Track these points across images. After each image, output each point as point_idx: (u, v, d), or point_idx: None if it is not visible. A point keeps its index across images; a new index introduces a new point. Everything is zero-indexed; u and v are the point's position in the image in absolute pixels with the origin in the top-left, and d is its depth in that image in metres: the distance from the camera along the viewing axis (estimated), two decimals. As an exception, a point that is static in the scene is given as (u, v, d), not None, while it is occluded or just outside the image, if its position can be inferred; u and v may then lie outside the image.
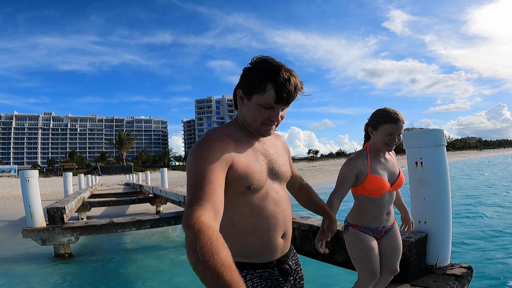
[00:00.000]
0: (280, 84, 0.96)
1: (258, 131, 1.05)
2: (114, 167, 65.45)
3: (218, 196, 0.87)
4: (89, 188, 15.45)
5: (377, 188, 1.60)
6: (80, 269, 5.47)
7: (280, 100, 0.98)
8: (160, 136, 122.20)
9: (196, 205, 0.81)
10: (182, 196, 7.43)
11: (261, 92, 0.98)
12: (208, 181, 0.88)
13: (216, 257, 0.62)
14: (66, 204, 6.21)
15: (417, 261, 2.09)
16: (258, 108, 1.00)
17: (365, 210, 1.66)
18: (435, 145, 2.24)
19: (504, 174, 21.49)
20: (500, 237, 6.03)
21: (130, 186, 20.73)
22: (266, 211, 1.06)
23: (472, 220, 7.73)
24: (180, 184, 23.26)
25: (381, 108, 1.65)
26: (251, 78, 1.00)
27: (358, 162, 1.63)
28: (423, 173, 2.22)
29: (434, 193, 2.19)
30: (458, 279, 1.98)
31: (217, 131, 1.05)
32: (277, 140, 1.21)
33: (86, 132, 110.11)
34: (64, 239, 5.51)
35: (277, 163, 1.12)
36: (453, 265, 2.19)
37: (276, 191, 1.10)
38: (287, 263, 1.15)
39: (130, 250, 6.98)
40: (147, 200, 12.64)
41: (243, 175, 1.00)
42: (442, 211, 2.19)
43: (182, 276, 5.17)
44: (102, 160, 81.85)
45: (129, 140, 78.84)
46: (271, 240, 1.07)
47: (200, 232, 0.69)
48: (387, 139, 1.58)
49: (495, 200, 10.57)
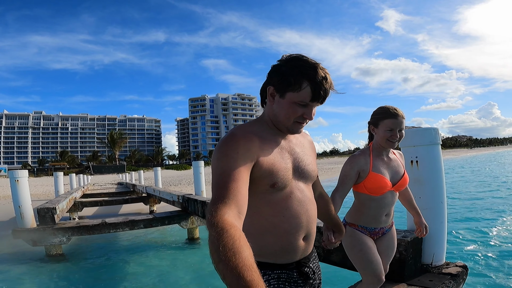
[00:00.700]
0: (318, 82, 0.95)
1: (290, 129, 1.03)
2: (106, 166, 64.73)
3: (242, 195, 0.86)
4: (81, 188, 15.24)
5: (378, 187, 1.57)
6: (72, 270, 5.39)
7: (317, 98, 0.98)
8: (153, 135, 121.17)
9: (220, 203, 0.80)
10: (176, 196, 7.36)
11: (296, 90, 0.97)
12: (233, 179, 0.86)
13: (238, 256, 0.62)
14: (57, 205, 6.10)
15: (413, 261, 2.09)
16: (292, 105, 0.99)
17: (364, 210, 1.63)
18: (430, 143, 2.25)
19: (497, 172, 21.90)
20: (494, 236, 6.13)
21: (123, 186, 20.51)
22: (289, 211, 1.03)
23: (466, 218, 7.85)
24: (173, 183, 23.09)
25: (381, 106, 1.66)
26: (284, 75, 0.98)
27: (360, 160, 1.61)
28: (419, 171, 2.23)
29: (430, 192, 2.20)
30: (453, 278, 1.99)
31: (242, 128, 1.03)
32: (304, 138, 1.18)
33: (77, 131, 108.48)
34: (56, 239, 5.42)
35: (303, 161, 1.09)
36: (449, 264, 2.19)
37: (301, 190, 1.07)
38: (308, 265, 1.11)
39: (123, 251, 6.90)
40: (141, 200, 12.51)
41: (268, 172, 0.98)
42: (437, 210, 2.19)
43: (176, 276, 5.13)
44: (94, 160, 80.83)
45: (122, 139, 77.95)
46: (292, 241, 1.04)
47: (223, 230, 0.69)
48: (388, 134, 1.57)
49: (489, 199, 10.75)
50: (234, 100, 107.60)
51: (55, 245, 5.57)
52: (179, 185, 21.66)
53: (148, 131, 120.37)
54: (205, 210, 5.47)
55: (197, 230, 7.17)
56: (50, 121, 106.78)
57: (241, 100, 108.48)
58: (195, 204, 6.06)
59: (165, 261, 6.00)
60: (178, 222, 6.79)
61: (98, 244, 7.27)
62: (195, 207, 6.04)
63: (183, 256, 6.31)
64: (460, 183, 16.07)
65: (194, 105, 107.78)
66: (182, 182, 24.01)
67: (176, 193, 7.73)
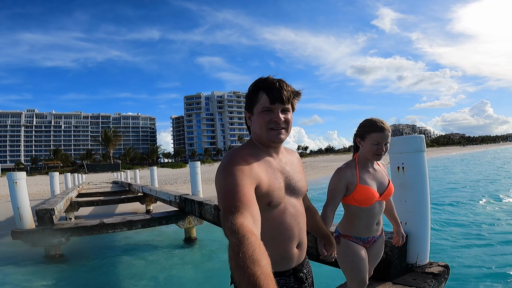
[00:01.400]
0: (268, 86, 1.08)
1: (269, 138, 1.11)
2: (100, 165, 64.18)
3: (255, 207, 0.90)
4: (76, 188, 15.20)
5: (367, 198, 1.61)
6: (71, 270, 5.46)
7: (274, 99, 1.08)
8: (148, 133, 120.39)
9: (237, 213, 0.84)
10: (173, 196, 7.45)
11: (257, 101, 1.10)
12: (243, 193, 0.92)
13: (257, 264, 0.63)
14: (55, 205, 6.16)
15: (398, 260, 2.22)
16: (260, 115, 1.10)
17: (356, 221, 1.66)
18: (415, 151, 2.40)
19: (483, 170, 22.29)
20: (476, 236, 6.32)
21: (118, 185, 20.46)
22: (284, 225, 1.12)
23: (449, 219, 8.07)
24: (169, 182, 23.08)
25: (367, 118, 1.71)
26: (247, 96, 1.13)
27: (347, 173, 1.63)
28: (404, 177, 2.37)
29: (414, 196, 2.33)
30: (435, 277, 2.11)
31: (238, 152, 1.09)
32: (292, 156, 1.27)
33: (71, 129, 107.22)
34: (55, 240, 5.49)
35: (294, 179, 1.18)
36: (432, 263, 2.32)
37: (294, 206, 1.16)
38: (302, 271, 1.21)
39: (121, 251, 6.97)
40: (137, 199, 12.54)
41: (266, 193, 1.06)
42: (421, 213, 2.33)
43: (174, 276, 5.22)
44: (88, 158, 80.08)
45: (116, 137, 77.34)
46: (288, 250, 1.14)
47: (244, 237, 0.72)
48: (375, 148, 1.60)
49: (470, 198, 11.01)
50: (230, 98, 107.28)
51: (54, 246, 5.63)
52: (174, 183, 21.67)
53: (142, 129, 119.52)
54: (202, 210, 5.58)
55: (194, 230, 7.27)
56: (43, 119, 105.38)
57: (237, 98, 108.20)
58: (192, 204, 6.16)
59: (163, 261, 6.09)
60: (176, 222, 6.89)
61: (96, 244, 7.33)
62: (192, 207, 6.14)
63: (180, 256, 6.40)
64: (444, 183, 16.37)
65: (189, 102, 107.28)
66: (178, 180, 24.01)
67: (173, 193, 7.81)
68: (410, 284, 2.06)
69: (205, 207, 5.43)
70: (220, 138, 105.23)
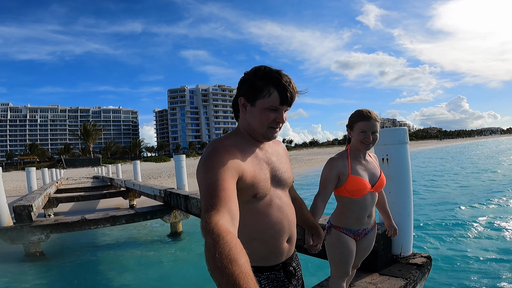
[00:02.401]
0: (284, 86, 1.01)
1: (265, 135, 1.08)
2: (80, 159, 62.15)
3: (234, 203, 0.88)
4: (55, 183, 14.68)
5: (358, 189, 1.60)
6: (53, 268, 5.30)
7: (285, 101, 1.03)
8: (130, 127, 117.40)
9: (213, 210, 0.82)
10: (158, 190, 7.34)
11: (265, 96, 1.02)
12: (222, 188, 0.89)
13: (234, 264, 0.61)
14: (33, 202, 5.93)
15: (384, 252, 2.28)
16: (264, 112, 1.04)
17: (347, 212, 1.67)
18: (399, 143, 2.46)
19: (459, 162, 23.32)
20: (457, 226, 6.63)
21: (99, 180, 19.93)
22: (271, 218, 1.09)
23: (430, 210, 8.42)
24: (153, 176, 22.70)
25: (357, 109, 1.71)
26: (253, 85, 1.03)
27: (338, 163, 1.63)
28: (389, 168, 2.43)
29: (398, 187, 2.39)
30: (419, 268, 2.18)
31: (222, 142, 1.05)
32: (278, 146, 1.23)
33: (47, 123, 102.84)
34: (34, 237, 5.29)
35: (279, 170, 1.15)
36: (415, 254, 2.39)
37: (280, 198, 1.13)
38: (291, 265, 1.19)
39: (105, 247, 6.83)
40: (119, 194, 12.26)
41: (250, 184, 1.03)
42: (404, 204, 2.39)
43: (161, 271, 5.17)
44: (66, 153, 77.32)
45: (96, 131, 74.94)
46: (277, 245, 1.11)
47: (219, 237, 0.69)
48: (362, 136, 1.61)
49: (447, 189, 11.51)
50: (215, 91, 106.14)
51: (34, 243, 5.43)
52: (159, 178, 21.33)
53: (124, 123, 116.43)
54: (188, 204, 5.53)
55: (180, 224, 7.21)
56: (17, 113, 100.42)
57: (222, 91, 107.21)
58: (177, 198, 6.09)
59: (149, 256, 6.01)
60: (161, 217, 6.80)
61: (79, 241, 7.14)
62: (178, 201, 6.08)
63: (167, 251, 6.34)
64: (424, 175, 17.03)
65: (173, 96, 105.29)
66: (162, 174, 23.65)
67: (158, 187, 7.69)
68: (396, 275, 2.11)
69: (191, 201, 5.38)
70: (205, 131, 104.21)
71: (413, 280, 2.07)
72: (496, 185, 11.55)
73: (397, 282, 2.03)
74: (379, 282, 2.06)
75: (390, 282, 2.04)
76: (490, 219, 6.87)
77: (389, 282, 2.05)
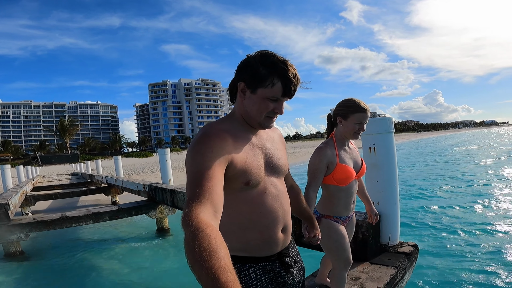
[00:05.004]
0: (289, 78, 0.98)
1: (261, 123, 1.04)
2: (56, 156, 59.75)
3: (218, 193, 0.85)
4: (31, 181, 14.05)
5: (346, 177, 1.62)
6: (34, 267, 5.11)
7: (287, 93, 1.00)
8: (109, 122, 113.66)
9: (194, 202, 0.79)
10: (142, 185, 7.18)
11: (268, 86, 0.98)
12: (207, 177, 0.85)
13: (214, 257, 0.60)
14: (9, 200, 5.65)
15: (373, 241, 2.32)
16: (264, 101, 1.00)
17: (335, 200, 1.68)
18: (385, 132, 2.52)
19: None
20: (440, 216, 6.88)
21: (78, 176, 19.25)
22: (265, 207, 1.05)
23: (413, 200, 8.75)
24: (135, 172, 22.20)
25: (347, 98, 1.69)
26: (256, 72, 0.98)
27: (327, 152, 1.63)
28: (376, 157, 2.49)
29: (385, 176, 2.44)
30: (407, 256, 2.25)
31: (214, 126, 1.02)
32: (274, 133, 1.20)
33: (20, 119, 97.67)
34: (13, 236, 5.07)
35: (274, 157, 1.11)
36: (402, 243, 2.46)
37: (275, 185, 1.09)
38: (288, 255, 1.16)
39: (88, 245, 6.62)
40: (101, 191, 11.94)
41: (242, 171, 0.99)
42: (391, 193, 2.45)
43: (148, 269, 5.10)
44: (41, 149, 73.93)
45: (74, 126, 72.16)
46: (272, 235, 1.08)
47: (198, 230, 0.68)
48: (357, 127, 1.62)
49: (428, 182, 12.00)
50: (198, 85, 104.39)
51: (13, 242, 5.20)
52: (141, 173, 20.90)
53: (103, 118, 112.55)
54: (174, 199, 5.46)
55: (166, 219, 7.11)
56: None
57: (205, 85, 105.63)
58: (163, 193, 6.00)
59: (135, 253, 5.89)
60: (146, 212, 6.68)
61: (60, 239, 6.89)
62: (164, 196, 5.98)
63: (153, 247, 6.24)
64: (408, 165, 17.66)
65: (155, 90, 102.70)
66: (145, 170, 23.19)
67: (142, 182, 7.52)
68: (386, 264, 2.16)
69: (177, 195, 5.32)
70: (188, 126, 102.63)
71: (403, 268, 2.13)
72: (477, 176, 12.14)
73: (388, 271, 2.08)
74: (370, 271, 2.11)
75: (382, 271, 2.09)
76: (467, 206, 7.24)
77: (380, 270, 2.10)
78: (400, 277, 2.10)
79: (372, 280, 2.00)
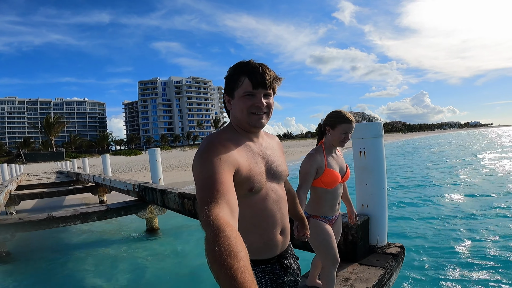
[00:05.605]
0: (251, 71, 1.05)
1: (249, 122, 1.09)
2: (41, 154, 58.10)
3: (233, 195, 0.88)
4: (15, 179, 13.66)
5: (333, 181, 1.80)
6: (21, 268, 4.99)
7: (257, 84, 1.05)
8: (97, 119, 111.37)
9: (213, 203, 0.81)
10: (131, 185, 7.09)
11: (239, 86, 1.06)
12: (220, 181, 0.89)
13: (233, 257, 0.62)
14: (-7, 200, 5.50)
15: (362, 242, 2.40)
16: (241, 99, 1.07)
17: (322, 201, 1.85)
18: (375, 136, 2.60)
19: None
20: (426, 217, 7.04)
21: (64, 175, 18.81)
22: (266, 211, 1.12)
23: (400, 202, 8.95)
24: (124, 170, 21.84)
25: (335, 110, 1.89)
26: (229, 79, 1.09)
27: (317, 158, 1.81)
28: (366, 161, 2.56)
29: (374, 179, 2.53)
30: (394, 257, 2.33)
31: (217, 136, 1.07)
32: (273, 140, 1.27)
33: (4, 116, 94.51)
34: (-2, 238, 4.93)
35: (274, 163, 1.17)
36: (390, 244, 2.55)
37: (275, 191, 1.15)
38: (287, 258, 1.22)
39: (76, 246, 6.51)
40: (88, 190, 11.71)
41: (246, 178, 1.04)
42: (380, 195, 2.54)
43: (138, 269, 5.05)
44: (25, 147, 71.79)
45: (60, 123, 70.37)
46: (271, 237, 1.14)
47: (219, 229, 0.69)
48: (343, 137, 1.82)
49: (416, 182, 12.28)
50: (188, 83, 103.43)
51: (-1, 243, 5.07)
52: (130, 172, 20.59)
53: (90, 115, 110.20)
54: (164, 199, 5.43)
55: (156, 219, 7.03)
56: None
57: (196, 83, 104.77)
58: (153, 193, 5.95)
59: (123, 254, 5.82)
60: (136, 212, 6.60)
61: (47, 240, 6.74)
62: (154, 196, 5.93)
63: (143, 247, 6.16)
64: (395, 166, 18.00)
65: (144, 88, 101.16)
66: (133, 168, 22.84)
67: (131, 182, 7.43)
68: (375, 265, 2.24)
69: (168, 195, 5.28)
70: (178, 124, 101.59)
71: (390, 269, 2.21)
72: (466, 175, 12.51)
73: (377, 271, 2.16)
74: (360, 272, 2.18)
75: (370, 271, 2.17)
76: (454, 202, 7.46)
77: (369, 271, 2.17)
78: (387, 278, 2.17)
79: (361, 281, 2.06)
